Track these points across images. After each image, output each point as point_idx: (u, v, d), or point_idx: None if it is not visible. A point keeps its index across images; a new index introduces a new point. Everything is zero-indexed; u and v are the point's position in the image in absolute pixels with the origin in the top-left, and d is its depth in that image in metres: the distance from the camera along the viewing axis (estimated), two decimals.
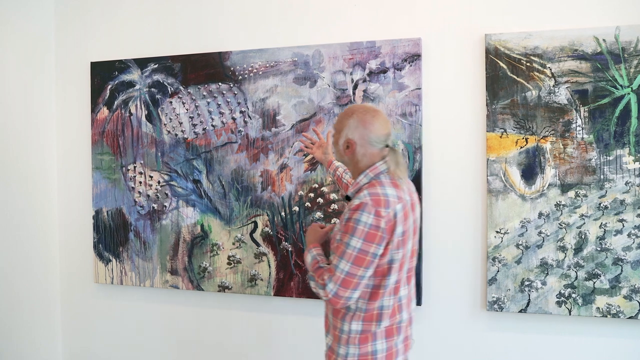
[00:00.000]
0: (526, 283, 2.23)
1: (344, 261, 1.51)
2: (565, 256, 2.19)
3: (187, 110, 2.67)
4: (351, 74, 2.42)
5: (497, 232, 2.26)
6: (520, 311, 2.24)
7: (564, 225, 2.19)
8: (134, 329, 2.84)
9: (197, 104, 2.65)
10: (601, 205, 2.16)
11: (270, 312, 2.58)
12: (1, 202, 2.64)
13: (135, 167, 2.76)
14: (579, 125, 2.18)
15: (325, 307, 1.73)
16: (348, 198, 1.66)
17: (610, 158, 2.14)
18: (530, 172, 2.23)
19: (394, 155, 1.63)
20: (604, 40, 2.13)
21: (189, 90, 2.66)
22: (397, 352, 1.62)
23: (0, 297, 2.63)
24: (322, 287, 1.54)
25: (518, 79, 2.23)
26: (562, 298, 2.19)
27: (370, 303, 1.58)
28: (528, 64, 2.22)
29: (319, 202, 2.46)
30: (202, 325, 2.71)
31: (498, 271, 2.27)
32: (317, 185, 2.47)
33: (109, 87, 2.79)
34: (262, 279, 2.56)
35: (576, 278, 2.18)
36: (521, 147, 2.24)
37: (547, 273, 2.21)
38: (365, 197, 1.52)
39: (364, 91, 2.40)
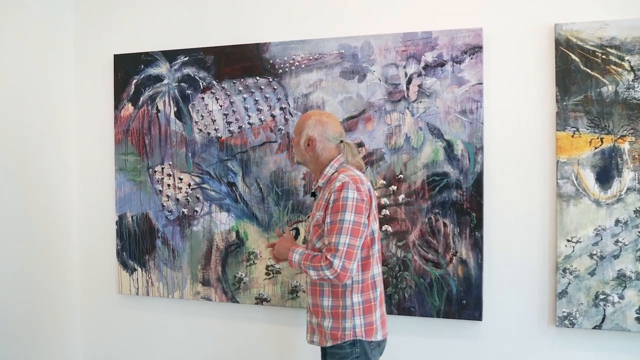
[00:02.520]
0: (601, 297, 2.04)
1: (343, 236, 1.65)
2: None
3: (220, 106, 2.46)
4: (404, 67, 2.22)
5: (568, 240, 2.07)
6: (594, 327, 2.05)
7: None
8: (161, 344, 2.64)
9: (232, 100, 2.44)
10: None
11: None
12: (18, 206, 2.44)
13: (163, 168, 2.55)
14: None
15: (313, 296, 1.80)
16: (314, 194, 1.90)
17: None
18: (605, 175, 2.04)
19: (349, 148, 1.86)
20: None
21: (223, 85, 2.45)
22: (385, 320, 1.84)
23: (17, 308, 2.44)
24: (328, 267, 1.64)
25: (592, 73, 2.04)
26: None
27: (364, 273, 1.75)
28: (604, 57, 2.03)
29: None
30: (237, 341, 2.52)
31: (569, 283, 2.07)
32: None
33: (134, 81, 2.59)
34: (304, 291, 2.36)
35: None
36: (596, 148, 2.05)
37: (625, 286, 2.02)
38: (345, 178, 1.71)
39: (419, 86, 2.20)
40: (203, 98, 2.48)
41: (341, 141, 1.86)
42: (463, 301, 2.16)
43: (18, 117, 2.43)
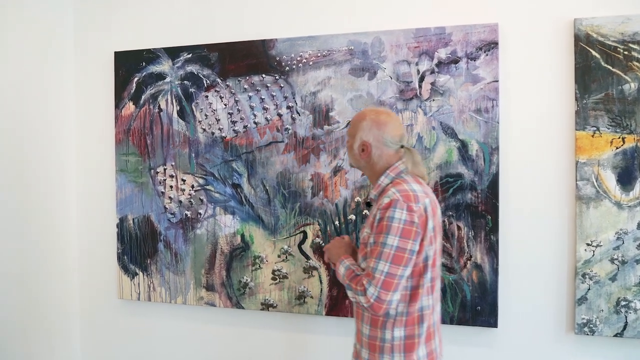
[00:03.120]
0: (623, 303, 1.96)
1: (382, 262, 1.46)
2: None
3: (225, 105, 2.37)
4: (417, 64, 2.13)
5: (587, 244, 1.99)
6: (615, 335, 1.96)
7: None
8: (163, 350, 2.55)
9: (237, 99, 2.36)
10: None
11: (321, 333, 2.30)
12: (15, 208, 2.35)
13: (165, 169, 2.47)
14: None
15: (357, 319, 1.64)
16: (369, 204, 1.70)
17: None
18: (627, 176, 1.95)
19: (411, 154, 1.62)
20: None
21: (227, 83, 2.36)
22: (436, 357, 1.59)
23: (14, 314, 2.35)
24: (362, 293, 1.47)
25: (614, 70, 1.96)
26: None
27: (411, 305, 1.52)
28: (626, 53, 1.94)
29: None
30: (242, 348, 2.43)
31: (589, 289, 1.99)
32: None
33: (136, 79, 2.50)
34: (312, 297, 2.27)
35: None
36: (617, 148, 1.96)
37: None
38: (395, 194, 1.50)
39: (432, 84, 2.12)
40: (207, 96, 2.40)
41: (402, 146, 1.63)
42: (478, 307, 2.08)
43: (16, 117, 2.34)
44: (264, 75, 2.31)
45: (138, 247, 2.52)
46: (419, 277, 1.52)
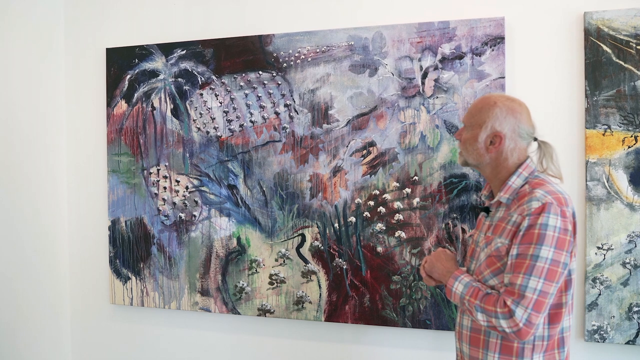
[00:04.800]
0: (635, 309, 1.88)
1: (535, 278, 1.24)
2: None
3: (220, 103, 2.29)
4: (420, 60, 2.05)
5: (598, 248, 1.91)
6: (627, 342, 1.89)
7: None
8: (156, 358, 2.48)
9: (232, 97, 2.27)
10: None
11: (320, 340, 2.22)
12: (3, 211, 2.28)
13: (158, 170, 2.39)
14: None
15: (473, 345, 1.39)
16: (487, 210, 1.47)
17: None
18: None
19: (548, 149, 1.41)
20: None
21: (223, 80, 2.28)
22: None
23: (3, 319, 2.28)
24: (507, 316, 1.25)
25: (626, 66, 1.88)
26: None
27: (552, 327, 1.33)
28: (638, 47, 1.87)
29: (380, 212, 2.09)
30: (238, 355, 2.36)
31: (600, 294, 1.91)
32: (377, 192, 2.10)
33: (128, 77, 2.42)
34: (310, 302, 2.19)
35: None
36: (629, 147, 1.89)
37: None
38: (546, 197, 1.29)
39: (436, 80, 2.04)
40: (201, 94, 2.32)
41: (535, 139, 1.42)
42: None
43: (4, 116, 2.27)
44: (260, 72, 2.23)
45: (131, 251, 2.43)
46: (561, 294, 1.33)
